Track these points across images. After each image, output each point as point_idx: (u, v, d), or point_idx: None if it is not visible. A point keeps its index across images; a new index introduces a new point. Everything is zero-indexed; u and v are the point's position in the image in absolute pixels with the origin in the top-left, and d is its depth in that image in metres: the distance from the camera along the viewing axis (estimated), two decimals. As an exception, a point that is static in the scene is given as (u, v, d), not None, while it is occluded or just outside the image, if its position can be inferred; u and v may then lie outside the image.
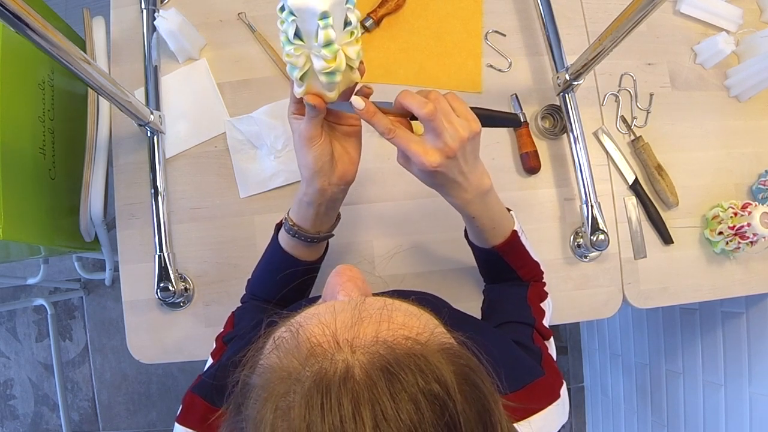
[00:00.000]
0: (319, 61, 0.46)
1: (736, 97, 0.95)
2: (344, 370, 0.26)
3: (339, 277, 0.38)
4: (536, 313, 0.63)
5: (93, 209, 0.90)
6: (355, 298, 0.33)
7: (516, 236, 0.63)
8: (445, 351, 0.29)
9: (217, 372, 0.51)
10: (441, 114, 0.50)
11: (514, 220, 0.64)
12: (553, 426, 0.49)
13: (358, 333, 0.29)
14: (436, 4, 0.93)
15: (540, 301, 0.66)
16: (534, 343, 0.59)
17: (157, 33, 0.86)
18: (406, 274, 0.87)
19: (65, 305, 1.78)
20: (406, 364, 0.27)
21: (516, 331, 0.61)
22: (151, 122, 0.81)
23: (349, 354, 0.27)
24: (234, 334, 0.62)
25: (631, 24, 0.63)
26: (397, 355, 0.27)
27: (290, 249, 0.64)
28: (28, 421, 1.76)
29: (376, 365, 0.27)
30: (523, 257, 0.66)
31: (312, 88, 0.50)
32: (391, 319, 0.30)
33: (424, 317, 0.33)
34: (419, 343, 0.29)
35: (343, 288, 0.37)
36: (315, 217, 0.60)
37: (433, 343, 0.30)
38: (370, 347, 0.28)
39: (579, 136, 0.84)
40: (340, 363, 0.27)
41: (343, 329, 0.29)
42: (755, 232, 0.82)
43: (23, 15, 0.50)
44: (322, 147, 0.54)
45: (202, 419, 0.47)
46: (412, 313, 0.32)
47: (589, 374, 1.84)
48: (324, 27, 0.44)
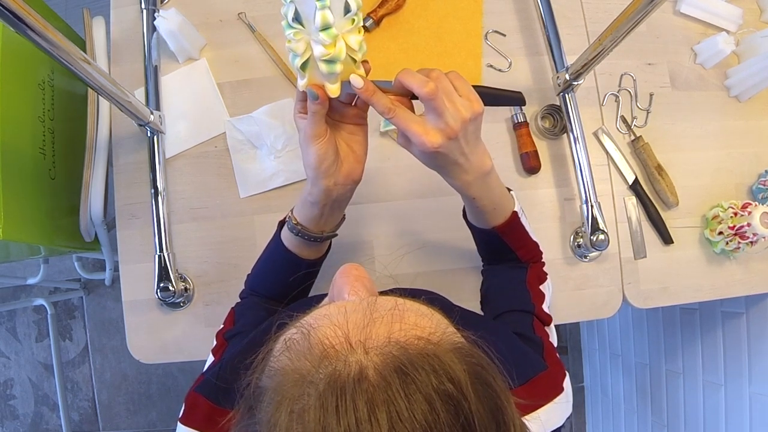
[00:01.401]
0: (318, 47, 0.46)
1: (736, 97, 0.95)
2: (358, 371, 0.26)
3: (346, 276, 0.38)
4: (536, 298, 0.63)
5: (93, 209, 0.90)
6: (365, 298, 0.33)
7: (516, 217, 0.62)
8: (457, 350, 0.29)
9: (221, 371, 0.50)
10: (442, 93, 0.49)
11: (515, 200, 0.63)
12: (558, 420, 0.49)
13: (370, 334, 0.29)
14: (436, 4, 0.93)
15: (539, 283, 0.66)
16: (535, 332, 0.58)
17: (157, 33, 0.86)
18: (408, 274, 0.87)
19: (65, 305, 1.78)
20: (419, 364, 0.27)
21: (516, 321, 0.60)
22: (151, 122, 0.81)
23: (362, 355, 0.27)
24: (235, 330, 0.62)
25: (631, 24, 0.63)
26: (410, 356, 0.27)
27: (293, 247, 0.63)
28: (28, 421, 1.76)
29: (390, 366, 0.27)
30: (522, 238, 0.65)
31: (314, 79, 0.50)
32: (403, 319, 0.30)
33: (435, 317, 0.33)
34: (432, 342, 0.29)
35: (351, 287, 0.37)
36: (320, 217, 0.59)
37: (446, 342, 0.30)
38: (383, 348, 0.28)
39: (579, 136, 0.84)
40: (353, 364, 0.27)
41: (356, 330, 0.29)
42: (755, 232, 0.82)
43: (23, 15, 0.50)
44: (327, 145, 0.53)
45: (205, 419, 0.47)
46: (423, 313, 0.32)
47: (589, 374, 1.84)
48: (321, 8, 0.44)
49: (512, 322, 0.61)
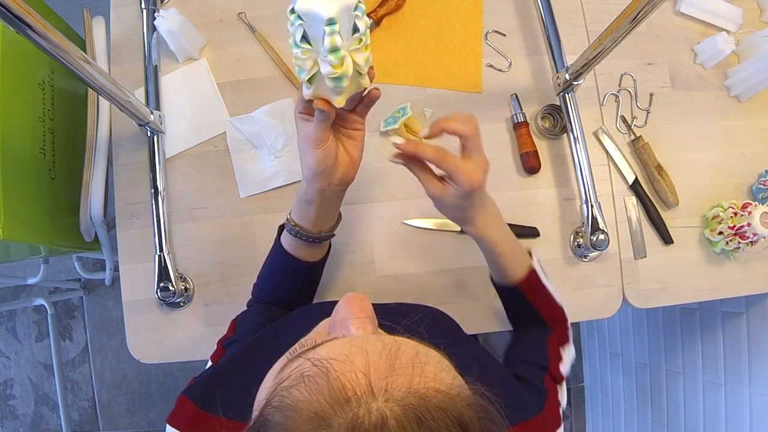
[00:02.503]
0: (326, 66, 0.46)
1: (736, 97, 0.95)
2: (380, 419, 0.26)
3: (350, 306, 0.36)
4: (552, 356, 0.64)
5: (93, 209, 0.90)
6: (387, 342, 0.31)
7: (535, 274, 0.65)
8: (471, 406, 0.29)
9: (211, 377, 0.51)
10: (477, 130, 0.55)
11: (534, 257, 0.67)
12: None
13: (393, 382, 0.28)
14: (436, 4, 0.93)
15: (559, 345, 0.67)
16: (543, 384, 0.59)
17: (157, 33, 0.86)
18: (407, 274, 0.87)
19: (65, 305, 1.78)
20: (438, 416, 0.27)
21: (526, 371, 0.61)
22: (151, 122, 0.81)
23: (383, 403, 0.27)
24: (233, 338, 0.62)
25: (631, 24, 0.63)
26: (429, 408, 0.27)
27: (293, 250, 0.64)
28: (28, 421, 1.76)
29: (411, 417, 0.26)
30: (544, 296, 0.67)
31: (320, 90, 0.50)
32: (424, 370, 0.30)
33: (452, 371, 0.32)
34: (450, 396, 0.29)
35: (357, 320, 0.35)
36: (316, 216, 0.60)
37: (463, 397, 0.29)
38: (404, 398, 0.27)
39: (579, 136, 0.84)
40: (374, 412, 0.26)
41: (377, 376, 0.28)
42: (755, 232, 0.82)
43: (23, 15, 0.50)
44: (328, 150, 0.54)
45: (189, 423, 0.47)
46: (443, 366, 0.32)
47: (589, 374, 1.84)
48: (330, 33, 0.43)
49: (521, 371, 0.61)
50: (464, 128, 0.54)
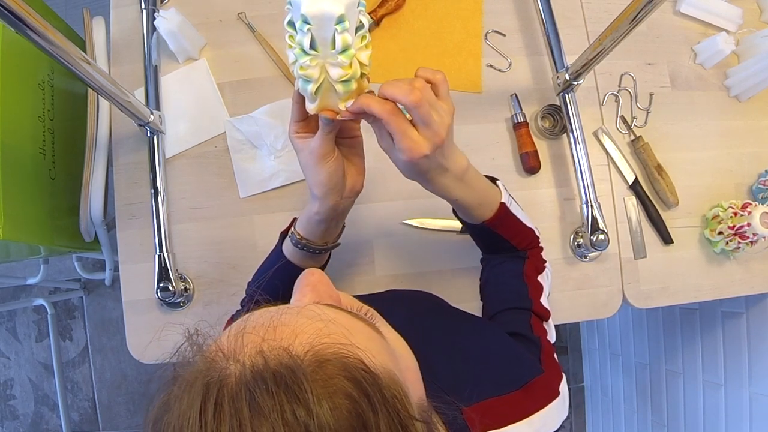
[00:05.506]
0: (336, 69, 0.45)
1: (736, 97, 0.95)
2: (227, 376, 0.27)
3: (299, 281, 0.38)
4: (534, 292, 0.62)
5: (93, 209, 0.90)
6: (303, 312, 0.32)
7: (504, 208, 0.60)
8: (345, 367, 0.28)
9: None
10: (426, 102, 0.47)
11: (501, 190, 0.61)
12: (553, 423, 0.49)
13: (248, 342, 0.29)
14: (436, 4, 0.93)
15: (537, 274, 0.65)
16: (533, 331, 0.58)
17: (157, 33, 0.86)
18: (406, 274, 0.87)
19: (65, 305, 1.78)
20: (277, 381, 0.26)
21: (513, 320, 0.60)
22: (151, 122, 0.81)
23: (234, 363, 0.28)
24: None
25: (631, 24, 0.63)
26: (271, 369, 0.27)
27: (295, 260, 0.63)
28: (28, 421, 1.76)
29: (257, 375, 0.27)
30: (515, 227, 0.63)
31: (325, 101, 0.48)
32: (278, 328, 0.30)
33: (377, 347, 0.31)
34: (294, 356, 0.28)
35: (299, 293, 0.37)
36: (325, 231, 0.59)
37: (352, 366, 0.28)
38: (254, 357, 0.28)
39: (579, 136, 0.84)
40: (229, 371, 0.27)
41: (252, 341, 0.29)
42: (755, 232, 0.82)
43: (23, 15, 0.50)
44: (336, 163, 0.53)
45: None
46: (363, 338, 0.31)
47: (589, 374, 1.84)
48: (341, 31, 0.43)
49: (509, 321, 0.61)
50: (403, 97, 0.46)
